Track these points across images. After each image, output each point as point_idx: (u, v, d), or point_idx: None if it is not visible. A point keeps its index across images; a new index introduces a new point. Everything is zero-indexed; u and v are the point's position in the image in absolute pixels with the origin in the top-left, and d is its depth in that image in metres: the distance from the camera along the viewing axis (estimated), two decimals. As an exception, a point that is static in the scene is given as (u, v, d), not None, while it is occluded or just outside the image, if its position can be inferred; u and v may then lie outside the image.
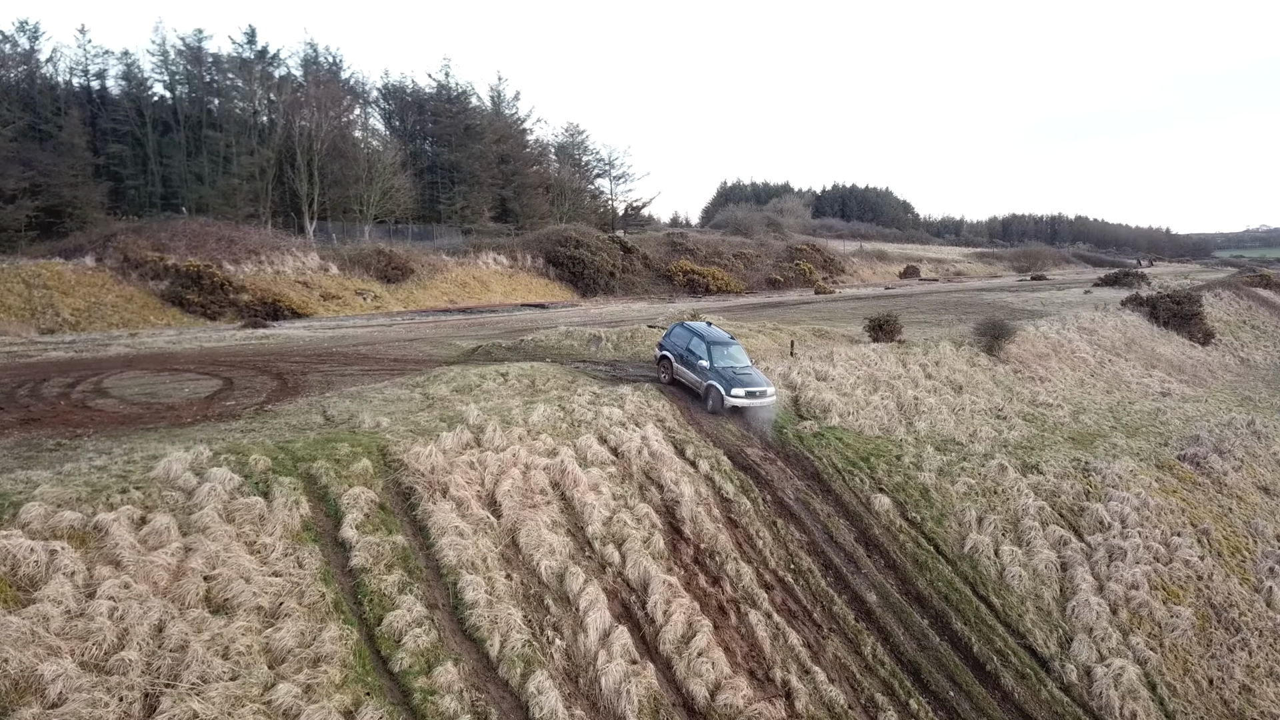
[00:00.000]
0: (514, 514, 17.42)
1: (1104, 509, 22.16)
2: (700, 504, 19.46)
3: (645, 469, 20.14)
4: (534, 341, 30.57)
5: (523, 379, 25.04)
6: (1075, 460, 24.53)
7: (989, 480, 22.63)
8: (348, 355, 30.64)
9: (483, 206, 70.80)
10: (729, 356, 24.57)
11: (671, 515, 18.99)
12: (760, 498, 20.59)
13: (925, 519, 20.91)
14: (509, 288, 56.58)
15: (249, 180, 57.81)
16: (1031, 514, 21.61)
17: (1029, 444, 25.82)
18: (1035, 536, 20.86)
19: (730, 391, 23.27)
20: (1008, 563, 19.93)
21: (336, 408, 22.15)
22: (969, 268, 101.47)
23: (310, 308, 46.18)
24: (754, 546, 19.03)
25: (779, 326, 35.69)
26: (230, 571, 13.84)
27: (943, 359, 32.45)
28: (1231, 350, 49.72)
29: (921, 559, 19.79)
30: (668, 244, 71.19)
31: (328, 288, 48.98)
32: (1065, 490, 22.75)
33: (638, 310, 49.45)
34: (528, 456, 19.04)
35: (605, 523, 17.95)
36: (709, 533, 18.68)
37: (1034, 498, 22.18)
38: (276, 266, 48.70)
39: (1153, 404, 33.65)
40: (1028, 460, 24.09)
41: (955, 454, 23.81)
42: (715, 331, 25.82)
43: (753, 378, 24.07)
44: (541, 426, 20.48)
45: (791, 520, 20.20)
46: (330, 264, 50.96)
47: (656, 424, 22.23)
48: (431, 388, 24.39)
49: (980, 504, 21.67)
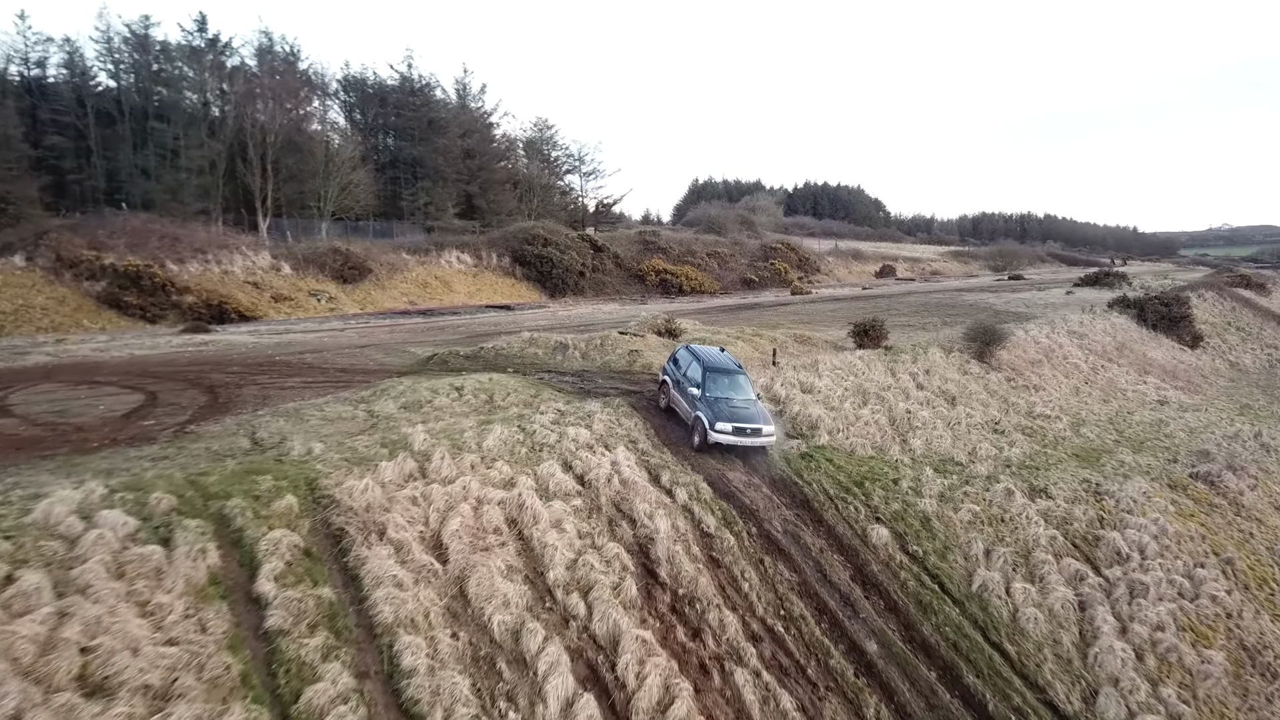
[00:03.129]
0: (463, 558, 15.03)
1: (1120, 538, 20.13)
2: (678, 541, 17.16)
3: (615, 500, 17.79)
4: (495, 349, 28.15)
5: (479, 393, 22.61)
6: (1085, 482, 22.51)
7: (995, 507, 20.53)
8: (292, 364, 28.04)
9: (447, 203, 68.06)
10: (728, 387, 21.46)
11: (645, 555, 16.67)
12: (745, 531, 18.32)
13: (928, 553, 18.75)
14: (473, 288, 53.97)
15: (198, 175, 54.78)
16: (1043, 545, 19.53)
17: (1033, 463, 23.78)
18: (1049, 571, 18.77)
19: (715, 425, 20.19)
20: (1021, 603, 17.82)
21: (268, 429, 19.61)
22: (945, 266, 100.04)
23: (260, 310, 43.40)
24: (739, 590, 16.75)
25: (759, 332, 33.48)
26: (114, 641, 11.37)
27: (933, 367, 30.40)
28: (1220, 353, 48.23)
29: (926, 600, 17.62)
30: (640, 242, 68.82)
31: (279, 288, 46.18)
32: (1078, 517, 20.70)
33: (608, 313, 47.11)
34: (480, 489, 16.63)
35: (569, 566, 15.61)
36: (688, 575, 16.39)
37: (1045, 526, 20.11)
38: (225, 266, 45.83)
39: (1152, 414, 31.82)
40: (1034, 483, 22.02)
41: (956, 476, 21.69)
42: (718, 357, 22.81)
43: (748, 412, 20.84)
44: (497, 452, 18.08)
45: (780, 557, 17.94)
46: (283, 263, 48.13)
47: (628, 446, 19.90)
48: (377, 404, 21.91)
49: (987, 534, 19.55)
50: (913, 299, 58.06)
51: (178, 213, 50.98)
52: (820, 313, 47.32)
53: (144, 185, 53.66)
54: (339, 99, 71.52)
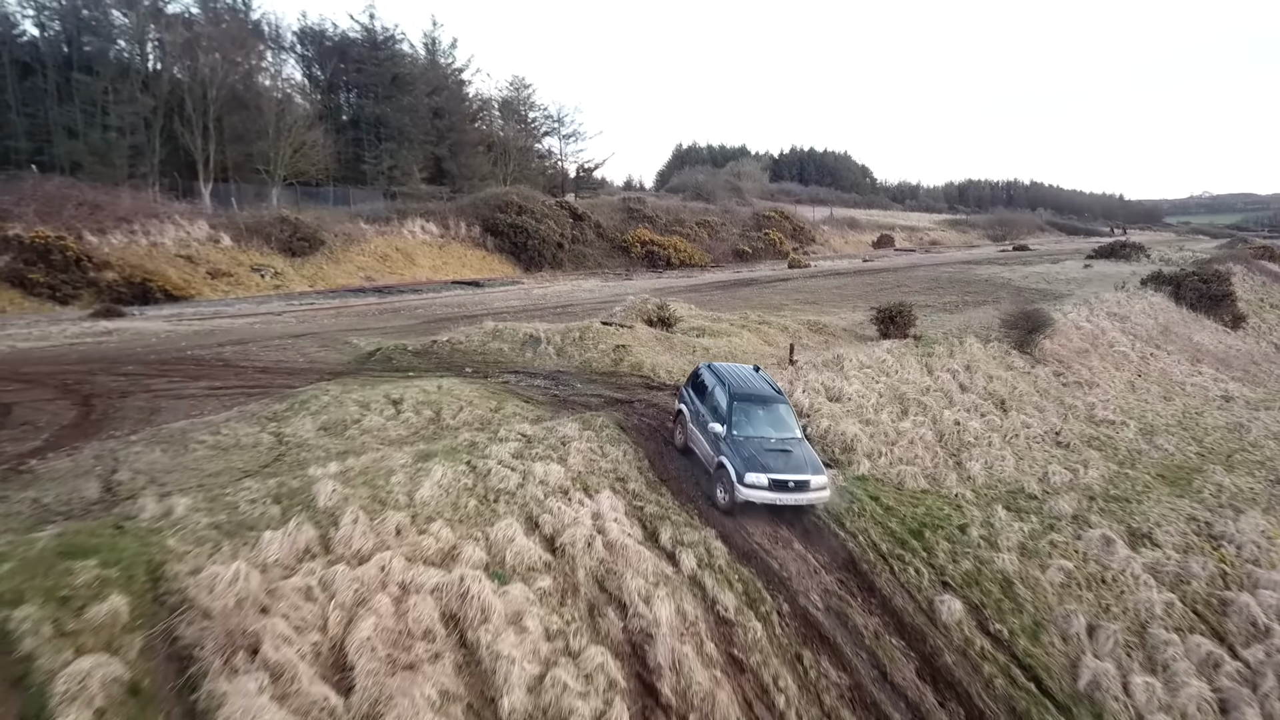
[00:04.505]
0: (376, 684, 10.14)
1: (1253, 602, 15.50)
2: (685, 635, 12.32)
3: (598, 574, 12.92)
4: (451, 344, 23.11)
5: (423, 409, 17.63)
6: (1192, 520, 17.86)
7: (1091, 561, 15.82)
8: (203, 362, 22.92)
9: (413, 166, 62.28)
10: (764, 421, 15.94)
11: (641, 661, 11.83)
12: (775, 611, 13.49)
13: (1015, 633, 14.03)
14: (439, 261, 48.63)
15: (131, 134, 48.87)
16: (1160, 616, 14.86)
17: (1118, 491, 19.10)
18: (1174, 656, 14.10)
19: (744, 478, 14.65)
20: (1146, 706, 13.15)
21: (134, 465, 14.64)
22: (943, 236, 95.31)
23: (193, 288, 38.05)
24: (772, 707, 11.95)
25: (765, 319, 28.58)
26: None
27: (974, 362, 25.65)
28: (1263, 335, 43.79)
29: (1020, 706, 12.89)
30: (623, 210, 63.51)
31: (217, 263, 40.74)
32: (1195, 573, 16.04)
33: (589, 290, 42.05)
34: (406, 570, 11.70)
35: (532, 689, 10.76)
36: (701, 689, 11.57)
37: (1157, 588, 15.43)
38: (154, 237, 40.30)
39: (1222, 414, 27.26)
40: (1132, 523, 17.35)
41: (1036, 518, 16.96)
42: (749, 379, 16.87)
43: (791, 458, 15.17)
44: (436, 506, 13.16)
45: (824, 648, 13.15)
46: (222, 234, 42.62)
47: (616, 489, 15.01)
48: (291, 423, 16.93)
49: (1088, 602, 14.85)
50: (921, 273, 53.25)
51: (107, 176, 45.25)
52: (825, 290, 42.47)
53: (69, 145, 47.75)
54: (295, 52, 65.38)
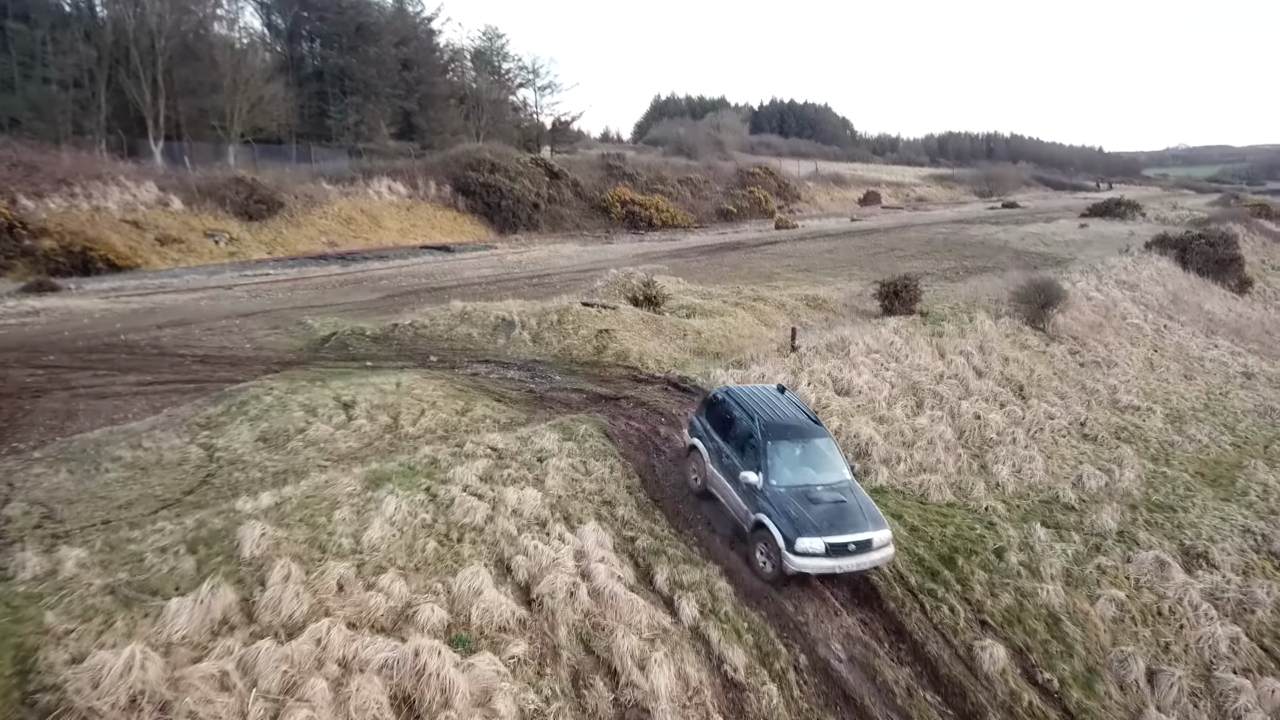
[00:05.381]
0: (307, 799, 8.05)
1: (1327, 634, 13.69)
2: (690, 707, 10.26)
3: (584, 634, 10.80)
4: (414, 328, 20.73)
5: (378, 414, 15.35)
6: (1247, 533, 15.92)
7: (1145, 590, 13.89)
8: (136, 349, 20.43)
9: (380, 122, 58.92)
10: (804, 461, 13.18)
11: (636, 744, 9.80)
12: (792, 665, 11.45)
13: (1067, 682, 12.09)
14: (407, 224, 45.79)
15: (74, 88, 45.46)
16: (1224, 654, 12.98)
17: (1158, 495, 17.18)
18: (1247, 705, 12.20)
19: (795, 545, 11.91)
20: (1218, 768, 11.34)
21: (29, 494, 12.37)
22: (929, 192, 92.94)
23: (140, 256, 35.16)
24: (793, 795, 10.00)
25: (759, 293, 26.31)
26: None
27: (987, 342, 23.62)
28: (1270, 301, 42.07)
29: (1078, 776, 11.04)
30: (602, 167, 60.58)
31: (167, 228, 37.76)
32: (1260, 599, 14.14)
33: (567, 257, 39.57)
34: (347, 643, 9.52)
35: (504, 792, 8.71)
36: (709, 777, 9.58)
37: (1219, 620, 13.54)
38: (97, 201, 37.20)
39: (1248, 394, 25.47)
40: (1184, 539, 15.42)
41: (1077, 535, 14.99)
42: (780, 407, 13.86)
43: (846, 511, 12.46)
44: (387, 552, 10.96)
45: (850, 711, 11.12)
46: (172, 196, 39.53)
47: (602, 516, 12.87)
48: (225, 433, 14.64)
49: (1145, 641, 12.93)
50: (913, 234, 51.00)
51: (47, 134, 41.97)
52: (816, 255, 40.21)
53: (4, 100, 44.34)
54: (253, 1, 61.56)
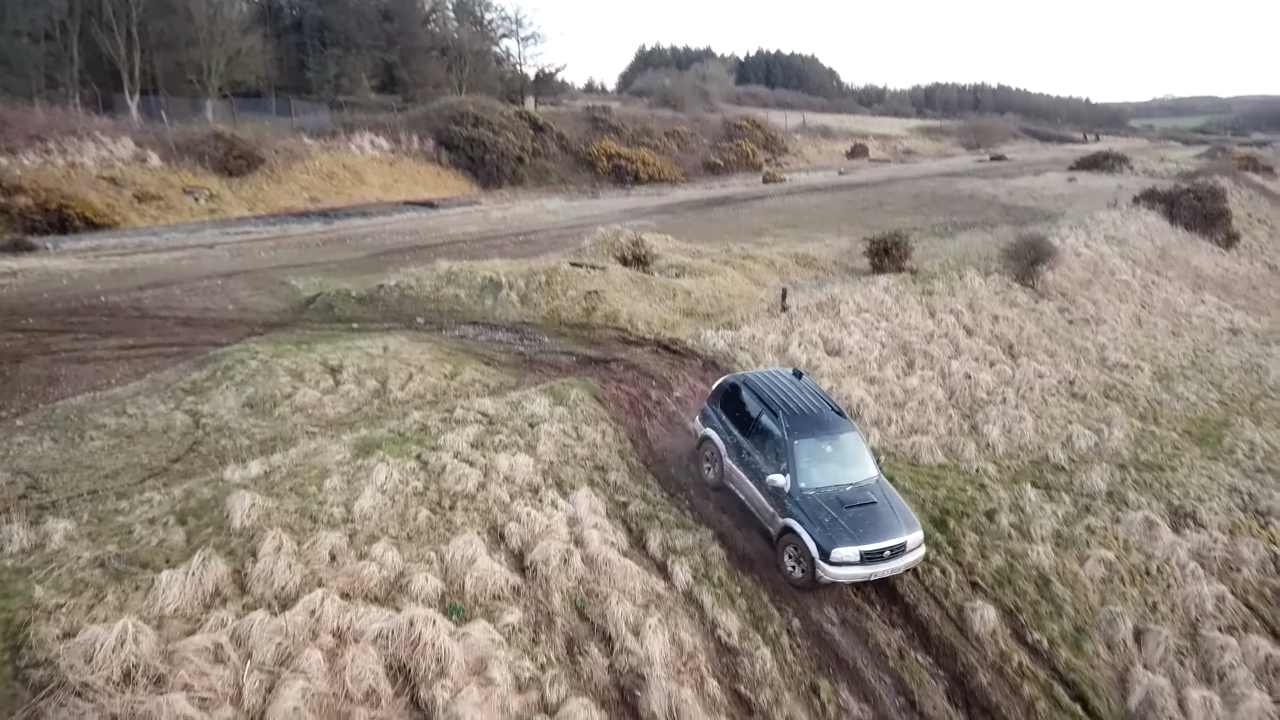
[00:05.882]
0: (305, 771, 8.05)
1: (1311, 592, 13.87)
2: (684, 672, 10.30)
3: (578, 600, 10.80)
4: (400, 289, 20.44)
5: (366, 378, 15.17)
6: (1234, 492, 16.08)
7: (1134, 550, 14.01)
8: (118, 311, 20.08)
9: (361, 74, 57.83)
10: (831, 460, 12.69)
11: (632, 711, 9.81)
12: (785, 629, 11.51)
13: (1056, 642, 12.21)
14: (390, 179, 45.09)
15: (45, 41, 44.31)
16: (1211, 612, 13.15)
17: (1148, 457, 17.26)
18: (1231, 662, 12.39)
19: (830, 555, 11.54)
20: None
21: (13, 463, 12.20)
22: (917, 145, 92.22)
23: (118, 214, 34.46)
24: (787, 758, 10.08)
25: (748, 252, 26.07)
26: None
27: (976, 300, 23.57)
28: (1256, 255, 42.15)
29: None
30: (587, 120, 59.69)
31: (145, 185, 37.01)
32: (1246, 557, 14.30)
33: (552, 212, 39.12)
34: (341, 613, 9.47)
35: (502, 761, 8.74)
36: (704, 741, 9.64)
37: (1206, 579, 13.69)
38: (72, 157, 36.39)
39: (1235, 351, 25.61)
40: (1171, 498, 15.53)
41: (1067, 496, 15.08)
42: (802, 397, 13.29)
43: (878, 514, 12.12)
44: (379, 521, 10.88)
45: (842, 675, 11.23)
46: (150, 152, 38.70)
47: (594, 482, 12.82)
48: (211, 399, 14.45)
49: (1133, 601, 13.07)
50: (901, 188, 50.69)
51: (18, 89, 40.87)
52: (805, 210, 39.91)
53: (-28, 54, 43.23)
54: (228, -52, 59.90)
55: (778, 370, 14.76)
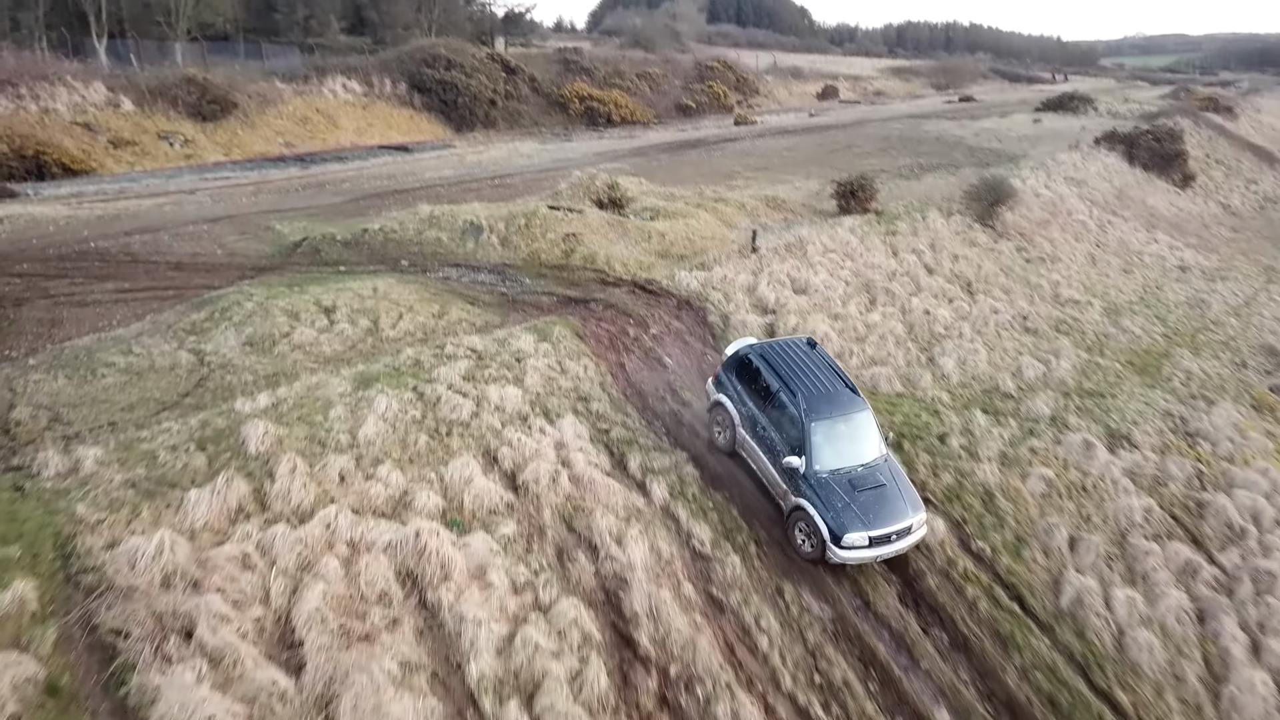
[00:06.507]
0: (329, 661, 9.14)
1: (1230, 504, 15.23)
2: (662, 576, 11.48)
3: (566, 514, 11.91)
4: (384, 233, 21.16)
5: (359, 318, 16.03)
6: (1167, 416, 17.47)
7: (1072, 468, 15.33)
8: (109, 257, 20.67)
9: (330, 15, 57.27)
10: (844, 440, 13.01)
11: (616, 609, 11.00)
12: (754, 540, 12.72)
13: (998, 550, 13.55)
14: (363, 123, 45.20)
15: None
16: (1139, 523, 14.51)
17: (1091, 385, 18.57)
18: (1154, 566, 13.80)
19: (843, 539, 12.07)
20: (1127, 620, 12.86)
21: (33, 398, 12.98)
22: (887, 85, 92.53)
23: (94, 160, 34.56)
24: (754, 649, 11.29)
25: (720, 195, 26.93)
26: None
27: (938, 240, 24.64)
28: (1210, 194, 43.51)
29: (1004, 629, 12.51)
30: (559, 62, 59.64)
31: (120, 130, 37.04)
32: (1173, 475, 15.69)
33: (527, 155, 39.58)
34: (354, 526, 10.52)
35: (501, 651, 9.86)
36: (681, 636, 10.81)
37: (1136, 493, 15.06)
38: (45, 103, 36.28)
39: (1182, 287, 26.95)
40: (1109, 422, 16.86)
41: (1013, 420, 16.35)
42: (819, 374, 13.60)
43: (886, 496, 12.58)
44: (382, 446, 11.88)
45: (804, 579, 12.47)
46: (123, 97, 38.60)
47: (578, 411, 13.87)
48: (212, 337, 15.25)
49: (1069, 513, 14.41)
50: (870, 130, 51.45)
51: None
52: (775, 152, 40.63)
53: (-67, -5, 42.60)
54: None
55: (791, 340, 14.80)
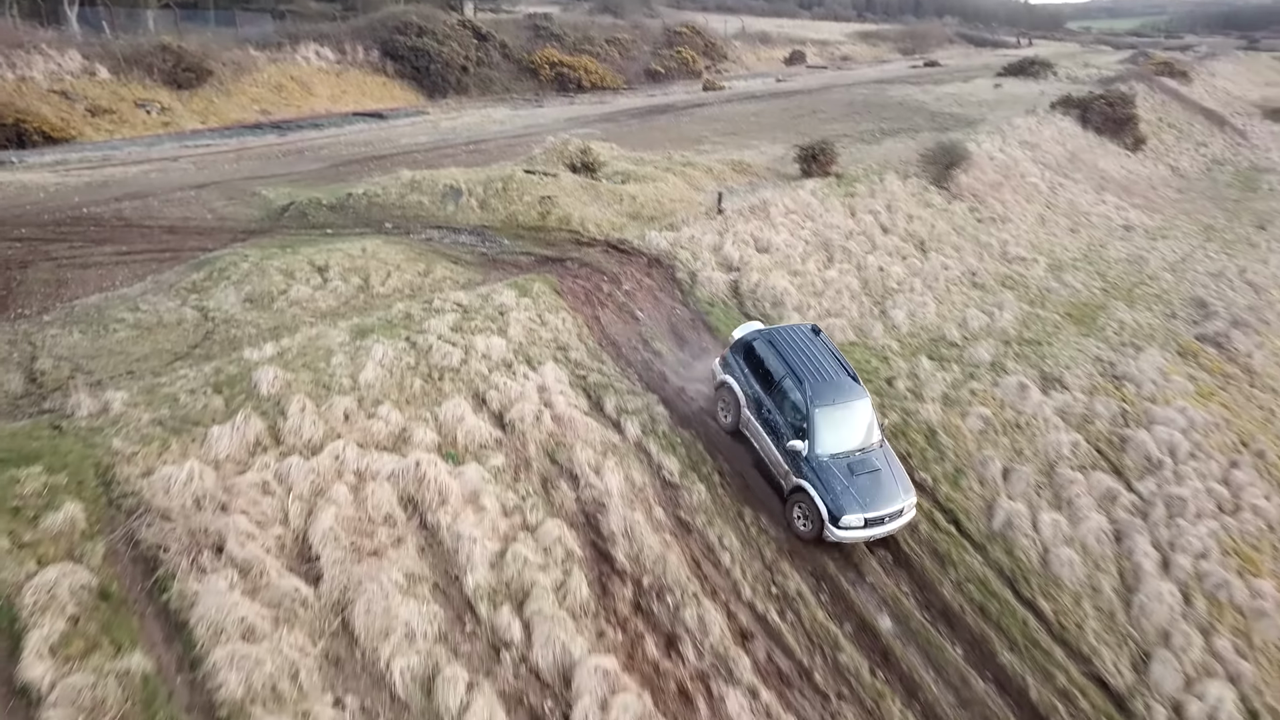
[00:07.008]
0: (343, 572, 10.45)
1: (1150, 438, 16.88)
2: (636, 502, 12.87)
3: (549, 449, 13.24)
4: (367, 197, 22.16)
5: (350, 276, 17.15)
6: (1098, 361, 19.07)
7: (1008, 408, 16.87)
8: (103, 222, 21.55)
9: (300, -19, 57.41)
10: (844, 425, 13.78)
11: (595, 530, 12.38)
12: (716, 472, 14.13)
13: (938, 480, 15.09)
14: (337, 90, 45.70)
15: (-27, -55, 43.54)
16: (1066, 455, 16.11)
17: (1030, 335, 20.12)
18: (1078, 493, 15.41)
19: (840, 520, 12.92)
20: (1051, 540, 14.48)
21: (52, 351, 14.07)
22: (854, 50, 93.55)
23: (73, 128, 34.99)
24: (718, 565, 12.75)
25: (689, 159, 28.09)
26: None
27: (894, 201, 25.97)
28: (1160, 157, 45.18)
29: (941, 548, 14.08)
30: (529, 28, 60.15)
31: (97, 99, 37.41)
32: (1099, 413, 17.29)
33: (500, 122, 40.44)
34: (360, 458, 11.79)
35: (494, 565, 11.23)
36: (653, 553, 12.23)
37: (1065, 430, 16.63)
38: (21, 71, 36.55)
39: (1124, 245, 28.56)
40: (1044, 367, 18.42)
41: (956, 366, 17.86)
42: (822, 359, 14.32)
43: (881, 480, 13.42)
44: (382, 388, 13.11)
45: (762, 506, 13.92)
46: (98, 65, 38.89)
47: (558, 359, 15.14)
48: (213, 295, 16.32)
49: (1004, 448, 15.97)
50: (836, 95, 52.62)
51: (-50, -1, 40.68)
52: (742, 117, 41.73)
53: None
54: None
55: (797, 326, 15.50)
